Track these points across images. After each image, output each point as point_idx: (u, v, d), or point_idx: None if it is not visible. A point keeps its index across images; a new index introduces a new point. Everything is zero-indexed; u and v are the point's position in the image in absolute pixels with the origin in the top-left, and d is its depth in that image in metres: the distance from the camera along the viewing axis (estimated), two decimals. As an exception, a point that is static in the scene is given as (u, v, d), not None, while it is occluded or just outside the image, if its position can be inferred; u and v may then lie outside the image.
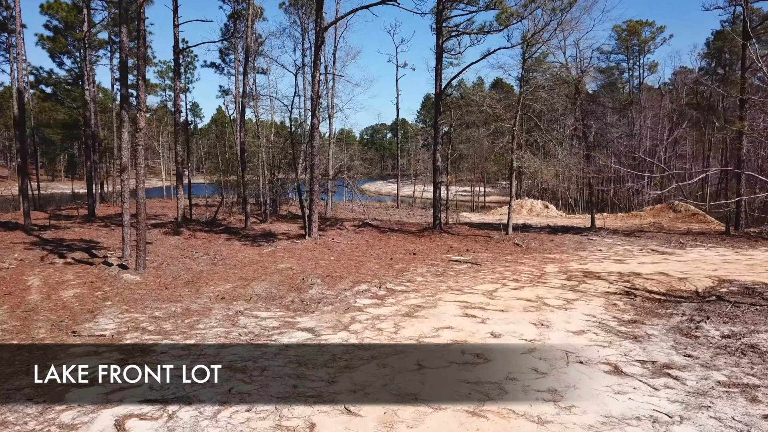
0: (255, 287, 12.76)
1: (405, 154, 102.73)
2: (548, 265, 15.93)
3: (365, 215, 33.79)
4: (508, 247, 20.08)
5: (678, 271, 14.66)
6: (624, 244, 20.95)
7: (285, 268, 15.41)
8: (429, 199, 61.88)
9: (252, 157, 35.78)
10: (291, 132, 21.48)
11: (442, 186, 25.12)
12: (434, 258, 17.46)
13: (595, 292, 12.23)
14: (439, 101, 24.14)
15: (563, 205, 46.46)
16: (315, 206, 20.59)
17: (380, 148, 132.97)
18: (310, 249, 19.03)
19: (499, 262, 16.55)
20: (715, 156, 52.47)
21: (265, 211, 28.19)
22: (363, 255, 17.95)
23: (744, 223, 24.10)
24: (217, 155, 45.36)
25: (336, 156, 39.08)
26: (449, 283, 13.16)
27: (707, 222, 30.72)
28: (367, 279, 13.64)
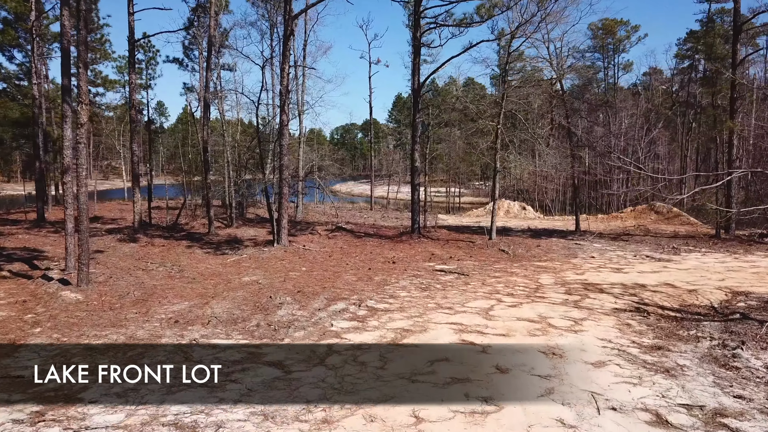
0: (215, 307, 11.04)
1: (376, 154, 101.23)
2: (542, 275, 14.54)
3: (338, 218, 32.12)
4: (494, 253, 18.67)
5: (684, 282, 13.41)
6: (615, 250, 19.75)
7: (250, 281, 13.69)
8: (403, 200, 60.43)
9: (218, 157, 33.81)
10: (258, 129, 19.74)
11: (421, 187, 23.63)
12: (416, 267, 15.94)
13: (602, 309, 10.84)
14: (418, 97, 22.64)
15: (540, 206, 45.49)
16: (284, 210, 18.88)
17: (351, 148, 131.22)
18: (279, 258, 17.31)
19: (488, 272, 15.10)
20: (690, 156, 52.27)
21: (230, 214, 26.33)
22: (338, 264, 16.32)
23: (729, 224, 23.18)
24: (180, 155, 43.12)
25: (306, 156, 37.33)
26: (437, 299, 11.64)
27: (691, 224, 29.92)
28: (344, 295, 12.03)
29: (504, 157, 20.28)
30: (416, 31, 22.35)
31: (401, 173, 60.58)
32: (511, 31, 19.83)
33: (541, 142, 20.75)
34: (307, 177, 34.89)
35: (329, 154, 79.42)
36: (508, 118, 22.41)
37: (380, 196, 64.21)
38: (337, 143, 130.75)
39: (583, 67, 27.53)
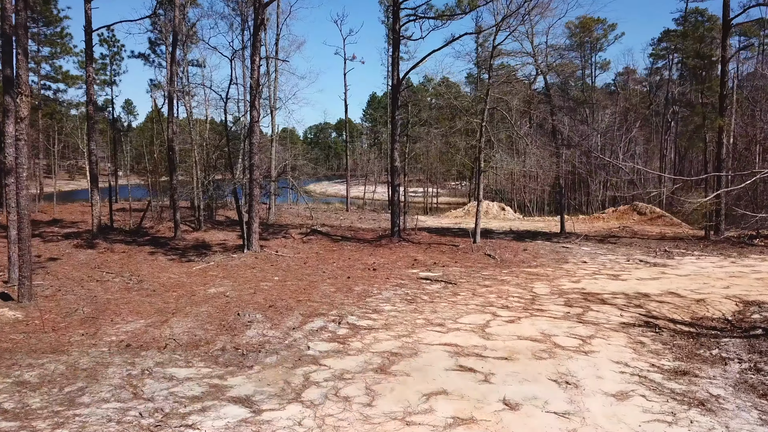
0: (175, 326, 9.69)
1: (351, 153, 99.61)
2: (535, 283, 13.47)
3: (312, 220, 30.79)
4: (480, 258, 17.59)
5: (688, 290, 12.48)
6: (606, 253, 18.85)
7: (217, 294, 12.35)
8: (379, 201, 59.21)
9: (186, 156, 32.17)
10: (226, 126, 18.35)
11: (401, 188, 22.46)
12: (399, 275, 14.75)
13: (608, 323, 9.79)
14: (397, 93, 21.46)
15: (519, 207, 44.74)
16: (255, 213, 17.53)
17: (325, 148, 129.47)
18: (249, 266, 15.96)
19: (476, 280, 13.99)
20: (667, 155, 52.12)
21: (198, 217, 24.82)
22: (314, 272, 15.04)
23: (719, 226, 22.51)
24: (145, 155, 41.26)
25: (279, 155, 35.88)
26: (426, 314, 10.46)
27: (675, 224, 29.34)
28: (322, 310, 10.78)
29: (489, 155, 19.22)
30: (395, 24, 21.17)
31: (377, 173, 59.42)
32: (497, 22, 18.79)
33: (527, 140, 19.73)
34: (280, 177, 33.47)
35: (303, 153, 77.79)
36: (492, 116, 21.38)
37: (356, 196, 62.91)
38: (311, 142, 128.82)
39: (566, 63, 26.68)
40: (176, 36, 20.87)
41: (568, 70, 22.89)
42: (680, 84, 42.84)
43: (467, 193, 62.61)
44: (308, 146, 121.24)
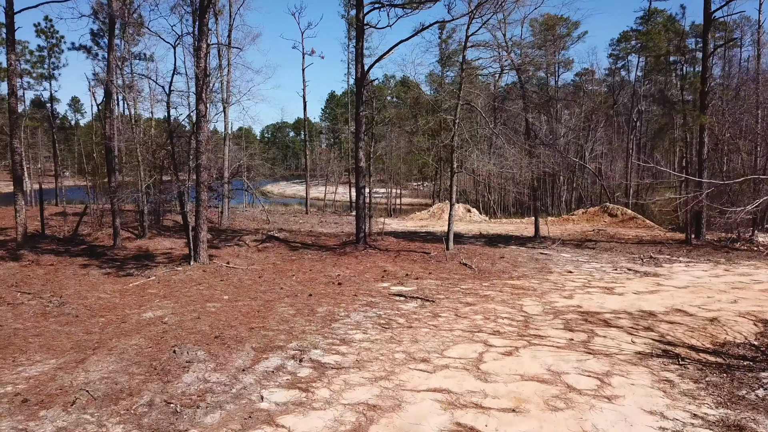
0: (93, 368, 7.70)
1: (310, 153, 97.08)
2: (524, 299, 11.90)
3: (269, 225, 28.72)
4: (455, 268, 15.98)
5: (695, 307, 11.12)
6: (589, 261, 17.51)
7: (153, 319, 10.33)
8: (340, 202, 57.27)
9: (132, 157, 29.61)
10: (169, 121, 16.20)
11: (366, 190, 20.69)
12: (368, 290, 12.98)
13: (622, 353, 8.26)
14: (361, 88, 19.68)
15: (484, 209, 43.55)
16: (203, 220, 15.49)
17: (283, 147, 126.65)
18: (195, 281, 13.92)
19: (456, 296, 12.35)
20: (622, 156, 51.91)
21: (142, 223, 22.48)
22: (270, 289, 13.13)
23: (700, 229, 21.54)
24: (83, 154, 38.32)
25: (234, 155, 33.60)
26: (405, 344, 8.72)
27: (648, 226, 28.47)
28: (280, 341, 8.92)
29: (465, 155, 17.64)
30: (359, 12, 19.38)
31: (337, 174, 57.50)
32: (470, 10, 17.23)
33: (503, 138, 18.24)
34: (234, 178, 31.27)
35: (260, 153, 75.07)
36: (466, 112, 19.85)
37: (315, 197, 60.87)
38: (269, 142, 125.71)
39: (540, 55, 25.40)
40: (113, 21, 18.58)
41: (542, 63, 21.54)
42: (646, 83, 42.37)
43: (430, 193, 61.33)
44: (265, 146, 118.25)
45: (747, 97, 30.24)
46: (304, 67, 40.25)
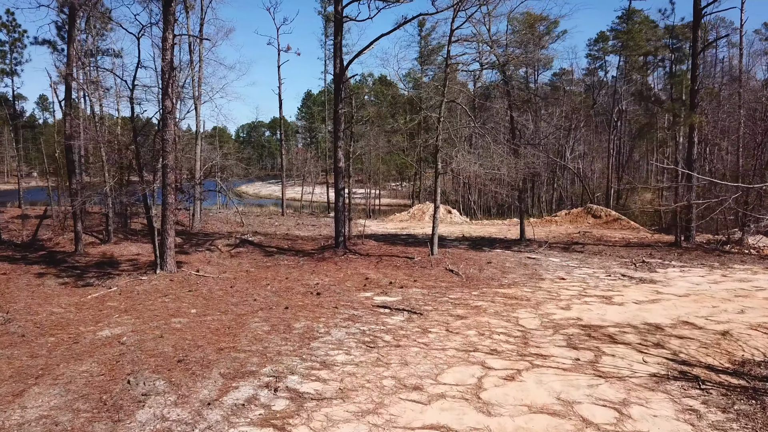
0: (31, 404, 6.60)
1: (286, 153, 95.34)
2: (518, 311, 11.03)
3: (243, 227, 27.54)
4: (441, 275, 15.07)
5: (701, 318, 10.37)
6: (579, 266, 16.76)
7: (110, 338, 9.22)
8: (317, 203, 56.11)
9: (97, 157, 28.14)
10: (133, 118, 14.98)
11: (346, 191, 19.69)
12: (350, 301, 12.00)
13: (635, 375, 7.42)
14: (341, 84, 18.68)
15: (464, 209, 42.81)
16: (170, 225, 14.34)
17: (258, 147, 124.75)
18: (161, 292, 12.79)
19: (446, 307, 11.43)
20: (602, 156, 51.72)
21: (107, 227, 21.16)
22: (242, 301, 12.06)
23: (690, 231, 20.96)
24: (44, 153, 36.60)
25: (207, 155, 32.29)
26: (394, 368, 7.77)
27: (633, 228, 27.96)
28: (252, 364, 7.89)
29: (451, 155, 16.74)
30: (337, 4, 18.38)
31: (314, 174, 56.30)
32: (455, 2, 16.35)
33: (489, 138, 17.40)
34: (207, 178, 30.00)
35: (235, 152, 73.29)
36: (450, 111, 18.97)
37: (292, 198, 59.64)
38: (244, 141, 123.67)
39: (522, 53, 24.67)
40: (74, 10, 17.29)
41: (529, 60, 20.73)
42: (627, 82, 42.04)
43: (409, 194, 60.50)
44: (240, 145, 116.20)
45: (730, 97, 30.00)
46: (279, 64, 39.14)
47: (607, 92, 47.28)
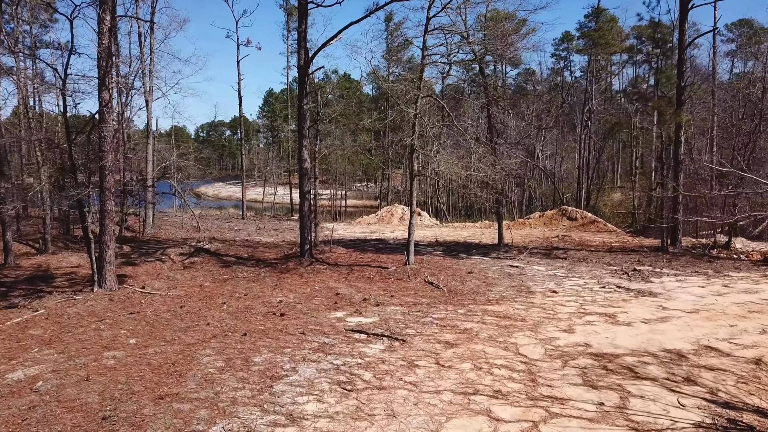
0: None
1: (247, 153, 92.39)
2: (515, 335, 9.58)
3: (200, 233, 25.55)
4: (420, 288, 13.56)
5: (723, 341, 9.12)
6: (568, 275, 15.47)
7: (21, 383, 7.39)
8: (279, 204, 54.05)
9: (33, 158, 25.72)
10: (65, 112, 13.00)
11: (312, 194, 18.02)
12: (319, 324, 10.36)
13: (677, 427, 6.03)
14: (305, 77, 17.01)
15: (434, 211, 41.50)
16: (109, 235, 12.45)
17: (219, 147, 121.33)
18: (96, 315, 10.91)
19: (431, 330, 9.91)
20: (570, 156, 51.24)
21: (44, 235, 19.00)
22: (193, 325, 10.30)
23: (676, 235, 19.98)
24: None
25: (161, 155, 30.14)
26: (379, 422, 6.19)
27: (611, 230, 27.01)
28: (198, 420, 6.20)
29: (430, 156, 15.24)
30: (301, -11, 16.74)
31: (276, 174, 54.23)
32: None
33: (468, 137, 15.98)
34: (161, 180, 27.87)
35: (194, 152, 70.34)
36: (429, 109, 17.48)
37: (253, 199, 57.41)
38: (204, 141, 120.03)
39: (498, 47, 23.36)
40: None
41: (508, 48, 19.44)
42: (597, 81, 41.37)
43: (375, 195, 58.96)
44: (200, 145, 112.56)
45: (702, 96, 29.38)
46: (239, 59, 37.01)
47: (575, 91, 46.66)
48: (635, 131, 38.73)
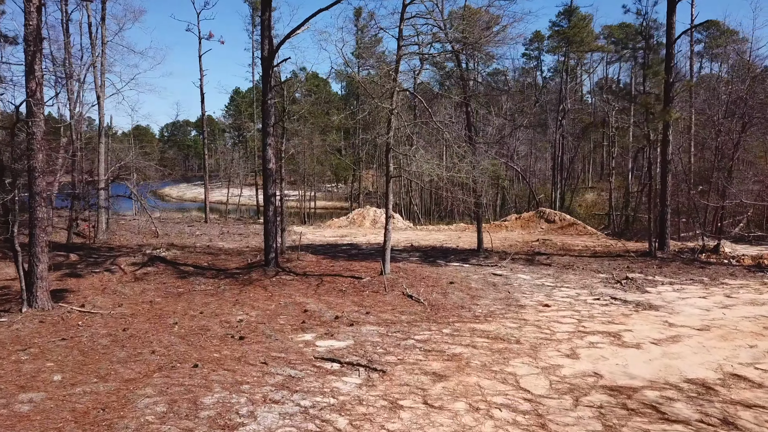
0: None
1: (213, 153, 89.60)
2: (512, 362, 8.30)
3: (158, 238, 23.77)
4: (399, 303, 12.20)
5: (750, 367, 8.01)
6: (556, 284, 14.31)
7: None
8: (245, 205, 52.10)
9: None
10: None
11: (277, 197, 16.54)
12: (284, 350, 8.93)
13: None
14: (270, 69, 15.52)
15: (406, 213, 40.25)
16: (41, 248, 10.81)
17: (184, 147, 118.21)
18: (21, 342, 9.27)
19: (414, 357, 8.56)
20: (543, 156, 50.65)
21: (-20, 243, 17.08)
22: (135, 354, 8.76)
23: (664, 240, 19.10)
24: None
25: (116, 155, 28.21)
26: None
27: (590, 233, 26.13)
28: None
29: (409, 156, 13.93)
30: (265, -27, 15.24)
31: (242, 175, 52.28)
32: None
33: (448, 135, 14.74)
34: (115, 182, 25.94)
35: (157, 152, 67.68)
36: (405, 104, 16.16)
37: (218, 200, 55.41)
38: (168, 141, 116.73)
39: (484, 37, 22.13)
40: None
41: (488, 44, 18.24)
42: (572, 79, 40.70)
43: (346, 196, 57.45)
44: (165, 145, 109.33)
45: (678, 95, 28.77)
46: (200, 53, 35.13)
47: (548, 90, 45.98)
48: (611, 131, 38.14)
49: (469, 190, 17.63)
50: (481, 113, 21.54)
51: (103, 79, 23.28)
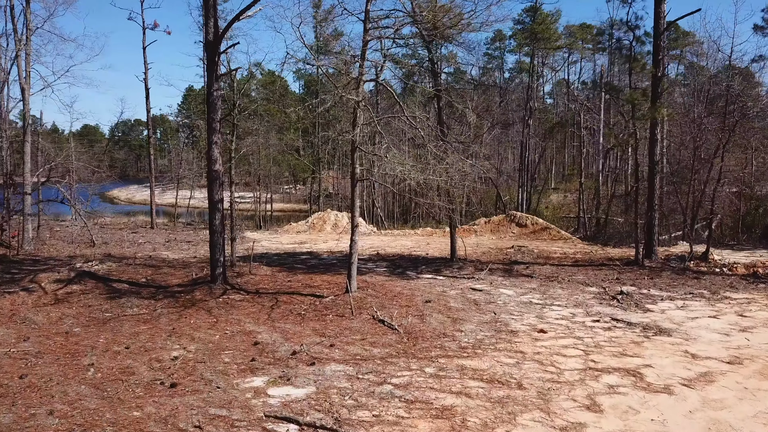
0: None
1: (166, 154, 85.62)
2: (519, 418, 6.52)
3: (94, 248, 21.28)
4: (370, 330, 10.31)
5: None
6: (546, 302, 12.65)
7: None
8: (198, 208, 49.20)
9: None
10: None
11: (224, 203, 14.44)
12: (226, 403, 6.94)
13: None
14: (216, 55, 13.43)
15: (369, 217, 38.37)
16: None
17: (136, 147, 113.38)
18: None
19: (394, 413, 6.70)
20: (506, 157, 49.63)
21: None
22: (25, 417, 6.61)
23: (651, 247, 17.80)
24: None
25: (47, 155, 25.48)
26: None
27: (565, 238, 24.83)
28: None
29: (378, 155, 12.07)
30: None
31: (194, 176, 49.45)
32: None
33: (423, 133, 12.98)
34: (45, 185, 23.30)
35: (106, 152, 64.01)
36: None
37: (169, 203, 52.34)
38: (119, 141, 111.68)
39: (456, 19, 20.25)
40: None
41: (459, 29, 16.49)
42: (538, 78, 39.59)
43: (305, 198, 55.19)
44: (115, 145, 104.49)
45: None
46: (145, 45, 32.49)
47: (514, 88, 44.87)
48: (581, 131, 37.19)
49: (442, 194, 15.83)
50: (455, 109, 19.80)
51: (28, 70, 20.62)
